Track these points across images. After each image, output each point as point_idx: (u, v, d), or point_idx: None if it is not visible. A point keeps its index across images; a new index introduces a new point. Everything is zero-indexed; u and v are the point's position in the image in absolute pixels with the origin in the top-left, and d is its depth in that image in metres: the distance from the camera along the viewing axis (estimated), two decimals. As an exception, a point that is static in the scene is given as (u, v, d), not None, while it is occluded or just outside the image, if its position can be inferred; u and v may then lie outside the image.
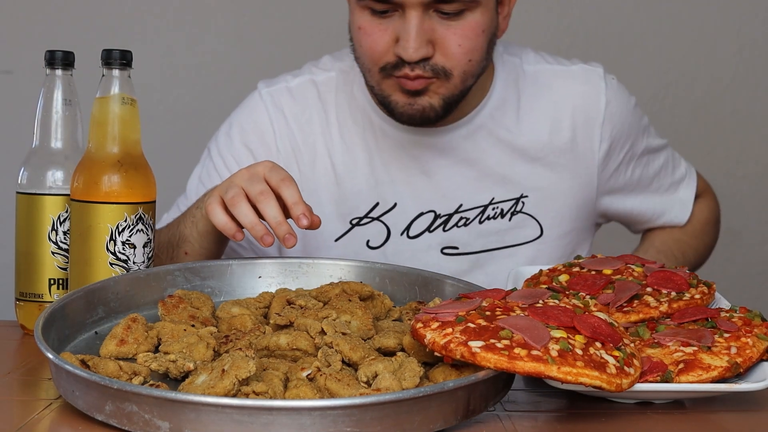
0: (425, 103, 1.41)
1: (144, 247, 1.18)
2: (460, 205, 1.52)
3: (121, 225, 1.16)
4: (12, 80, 2.55)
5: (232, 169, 1.52)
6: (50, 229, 1.21)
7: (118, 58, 1.19)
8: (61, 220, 1.21)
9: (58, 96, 1.23)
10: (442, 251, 1.53)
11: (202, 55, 2.58)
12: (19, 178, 1.23)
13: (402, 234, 1.52)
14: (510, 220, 1.52)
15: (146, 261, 1.18)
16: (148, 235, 1.18)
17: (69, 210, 1.19)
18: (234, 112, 1.60)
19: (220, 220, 1.18)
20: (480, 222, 1.52)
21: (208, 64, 2.59)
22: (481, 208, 1.52)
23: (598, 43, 2.61)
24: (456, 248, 1.53)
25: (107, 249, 1.16)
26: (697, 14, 2.63)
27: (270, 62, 2.57)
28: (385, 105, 1.45)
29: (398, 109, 1.42)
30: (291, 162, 1.53)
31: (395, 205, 1.52)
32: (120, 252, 1.16)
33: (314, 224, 1.16)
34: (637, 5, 2.62)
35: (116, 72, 1.19)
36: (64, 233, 1.21)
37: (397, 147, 1.52)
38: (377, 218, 1.53)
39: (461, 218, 1.52)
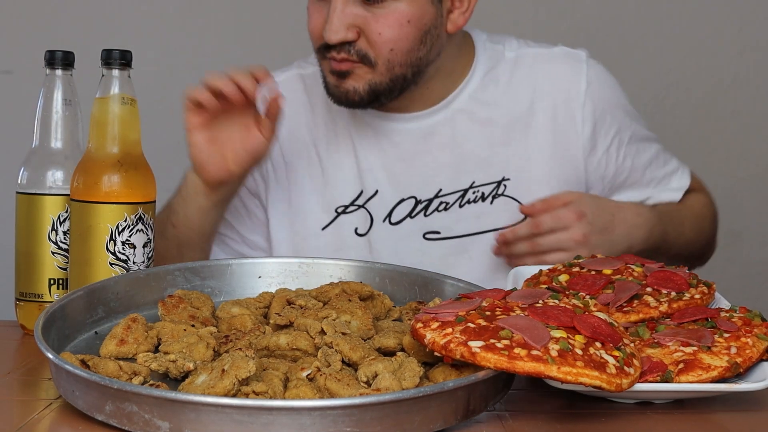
0: (350, 86, 1.44)
1: (144, 247, 1.18)
2: (440, 190, 1.52)
3: (121, 225, 1.16)
4: (12, 80, 2.55)
5: None
6: (50, 229, 1.21)
7: (118, 58, 1.19)
8: (61, 220, 1.21)
9: (58, 96, 1.23)
10: (424, 236, 1.53)
11: (202, 55, 2.58)
12: (19, 178, 1.23)
13: (384, 221, 1.53)
14: (492, 203, 1.52)
15: (146, 261, 1.19)
16: (148, 235, 1.18)
17: (69, 210, 1.19)
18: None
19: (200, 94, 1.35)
20: (460, 206, 1.52)
21: (208, 64, 2.58)
22: (461, 192, 1.53)
23: (599, 45, 2.61)
24: (438, 233, 1.53)
25: (107, 249, 1.16)
26: (697, 15, 2.63)
27: (270, 62, 2.56)
28: (325, 85, 1.50)
29: (329, 89, 1.47)
30: (277, 152, 1.56)
31: (376, 192, 1.54)
32: (120, 252, 1.16)
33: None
34: (637, 6, 2.62)
35: (116, 72, 1.19)
36: (64, 233, 1.21)
37: (378, 134, 1.54)
38: (362, 206, 1.54)
39: (441, 203, 1.52)
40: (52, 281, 1.21)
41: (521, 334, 0.87)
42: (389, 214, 1.54)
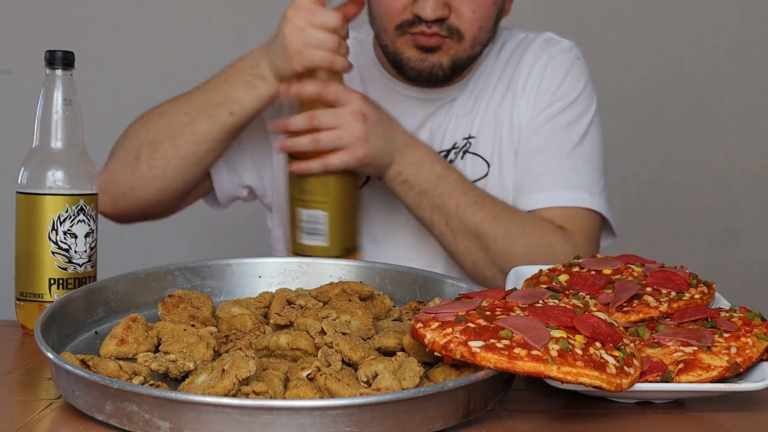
0: (435, 60, 1.51)
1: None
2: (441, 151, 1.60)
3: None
4: (12, 80, 2.56)
5: None
6: (50, 229, 1.21)
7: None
8: (62, 220, 1.21)
9: (58, 96, 1.23)
10: None
11: (202, 55, 2.58)
12: (19, 178, 1.23)
13: (380, 179, 1.53)
14: (462, 158, 1.60)
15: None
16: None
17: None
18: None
19: (327, 58, 1.38)
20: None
21: (208, 64, 2.59)
22: (445, 153, 1.60)
23: (597, 42, 2.61)
24: None
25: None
26: (695, 13, 2.63)
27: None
28: (396, 63, 1.54)
29: (409, 64, 1.52)
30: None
31: None
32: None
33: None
34: (636, 4, 2.62)
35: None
36: (65, 233, 1.21)
37: (395, 102, 1.58)
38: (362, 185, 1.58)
39: None
40: (52, 281, 1.21)
41: (521, 334, 0.87)
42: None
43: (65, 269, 1.21)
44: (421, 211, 1.47)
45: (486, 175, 1.60)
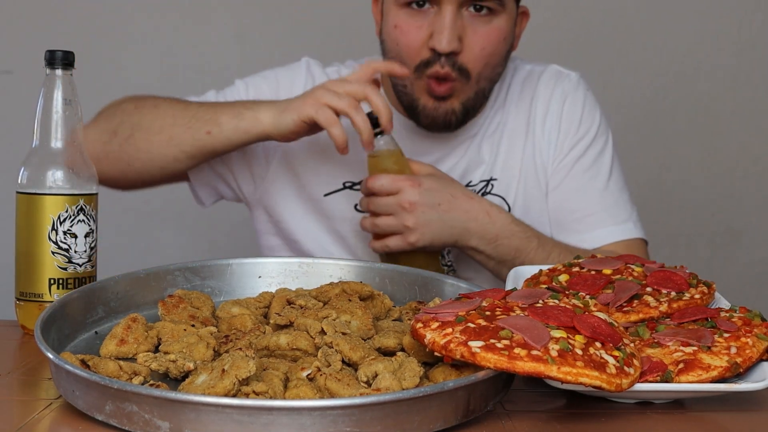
0: (448, 107, 1.54)
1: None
2: None
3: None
4: (12, 80, 2.56)
5: (250, 92, 1.66)
6: (50, 229, 1.21)
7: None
8: (61, 219, 1.21)
9: (58, 96, 1.23)
10: None
11: (202, 55, 2.59)
12: (19, 178, 1.23)
13: None
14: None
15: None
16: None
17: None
18: (275, 68, 1.73)
19: (331, 118, 1.40)
20: None
21: (208, 64, 2.59)
22: None
23: (598, 43, 2.61)
24: None
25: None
26: (696, 14, 2.63)
27: (270, 62, 2.57)
28: (411, 108, 1.57)
29: (425, 112, 1.55)
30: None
31: None
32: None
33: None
34: (637, 5, 2.62)
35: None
36: (65, 233, 1.21)
37: (409, 141, 1.61)
38: None
39: None
40: (52, 281, 1.21)
41: (521, 334, 0.87)
42: None
43: (65, 269, 1.21)
44: (502, 276, 1.50)
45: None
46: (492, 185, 1.63)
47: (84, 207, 1.22)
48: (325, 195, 1.65)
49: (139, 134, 1.51)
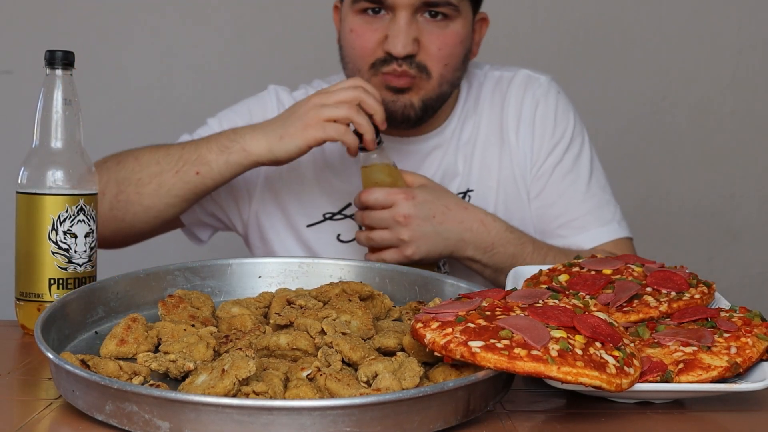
0: (407, 100, 1.55)
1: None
2: None
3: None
4: (12, 80, 2.56)
5: (224, 127, 1.64)
6: (50, 229, 1.21)
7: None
8: (61, 219, 1.21)
9: (58, 96, 1.23)
10: None
11: (202, 55, 2.59)
12: (19, 178, 1.23)
13: None
14: None
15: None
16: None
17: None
18: (241, 100, 1.74)
19: (340, 129, 1.42)
20: None
21: (208, 64, 2.59)
22: None
23: (598, 44, 2.61)
24: None
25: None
26: (696, 15, 2.63)
27: (270, 62, 2.57)
28: None
29: (384, 106, 1.51)
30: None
31: None
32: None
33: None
34: (636, 6, 2.62)
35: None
36: (65, 233, 1.21)
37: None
38: (350, 216, 1.64)
39: None
40: (52, 281, 1.21)
41: (521, 334, 0.87)
42: None
43: (65, 269, 1.21)
44: (500, 282, 1.51)
45: None
46: (469, 197, 1.64)
47: (84, 207, 1.22)
48: (308, 226, 1.66)
49: (128, 189, 1.51)
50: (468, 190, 1.64)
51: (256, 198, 1.68)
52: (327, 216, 1.66)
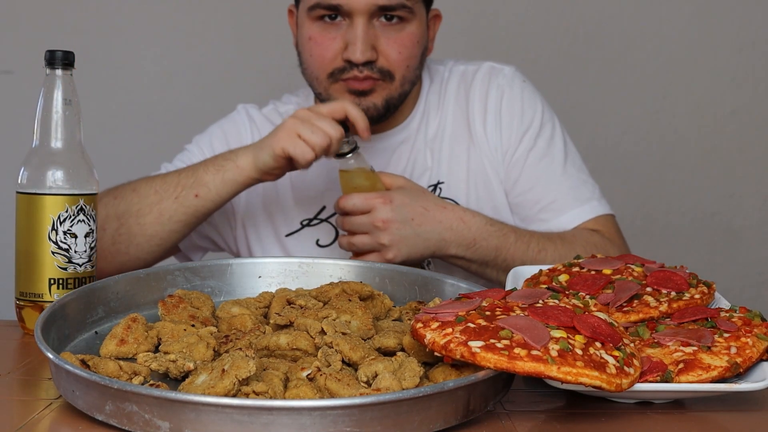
0: (369, 102, 1.57)
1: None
2: None
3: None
4: (12, 80, 2.56)
5: (205, 151, 1.68)
6: (50, 229, 1.21)
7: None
8: (61, 219, 1.21)
9: (58, 96, 1.23)
10: None
11: (202, 55, 2.58)
12: (19, 178, 1.23)
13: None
14: None
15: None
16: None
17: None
18: (213, 123, 1.77)
19: (299, 147, 1.42)
20: None
21: (208, 64, 2.59)
22: None
23: (598, 44, 2.61)
24: None
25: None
26: (696, 14, 2.63)
27: (270, 62, 2.57)
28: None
29: None
30: None
31: None
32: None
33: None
34: (636, 6, 2.62)
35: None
36: (65, 233, 1.21)
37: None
38: (325, 220, 1.67)
39: None
40: (52, 281, 1.21)
41: (521, 334, 0.87)
42: None
43: (65, 269, 1.21)
44: (487, 276, 1.53)
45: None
46: (440, 189, 1.65)
47: (84, 207, 1.22)
48: (287, 236, 1.68)
49: (129, 221, 1.51)
50: (438, 182, 1.65)
51: (239, 214, 1.70)
52: (304, 222, 1.68)
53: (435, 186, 1.65)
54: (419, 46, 1.60)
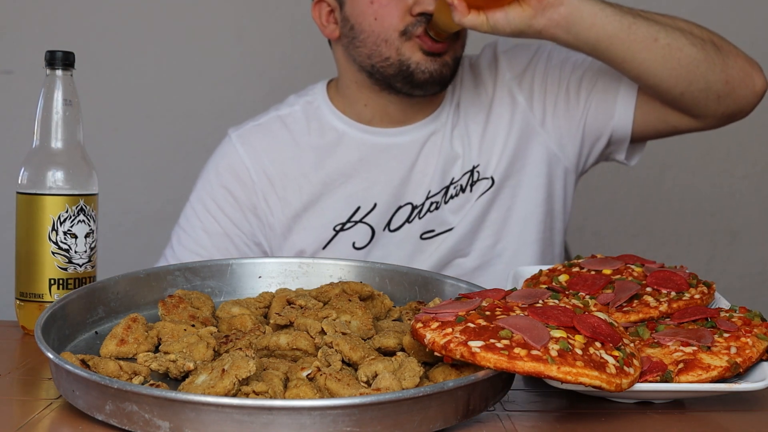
0: (443, 61, 1.56)
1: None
2: (429, 192, 1.63)
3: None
4: (12, 80, 2.56)
5: (212, 212, 1.65)
6: (50, 229, 1.21)
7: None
8: (62, 220, 1.21)
9: (58, 96, 1.23)
10: (420, 237, 1.63)
11: (202, 55, 2.59)
12: (19, 178, 1.23)
13: (384, 229, 1.63)
14: (471, 190, 1.64)
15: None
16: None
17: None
18: (208, 161, 1.71)
19: None
20: (445, 202, 1.63)
21: (208, 64, 2.59)
22: (444, 190, 1.64)
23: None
24: (432, 230, 1.64)
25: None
26: (696, 15, 2.63)
27: (270, 62, 2.57)
28: (402, 71, 1.57)
29: (420, 68, 1.56)
30: (269, 190, 1.66)
31: (375, 205, 1.64)
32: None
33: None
34: (636, 5, 2.62)
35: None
36: (65, 233, 1.21)
37: (371, 152, 1.65)
38: (360, 221, 1.64)
39: (432, 203, 1.63)
40: (52, 281, 1.21)
41: (521, 334, 0.87)
42: (388, 223, 1.64)
43: (65, 269, 1.21)
44: (623, 24, 1.45)
45: (490, 188, 1.64)
46: (477, 173, 1.64)
47: (84, 207, 1.22)
48: (324, 248, 1.64)
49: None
50: (473, 167, 1.63)
51: (276, 231, 1.66)
52: (337, 228, 1.64)
53: (471, 171, 1.64)
54: None
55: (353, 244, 1.64)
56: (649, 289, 1.08)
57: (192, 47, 2.58)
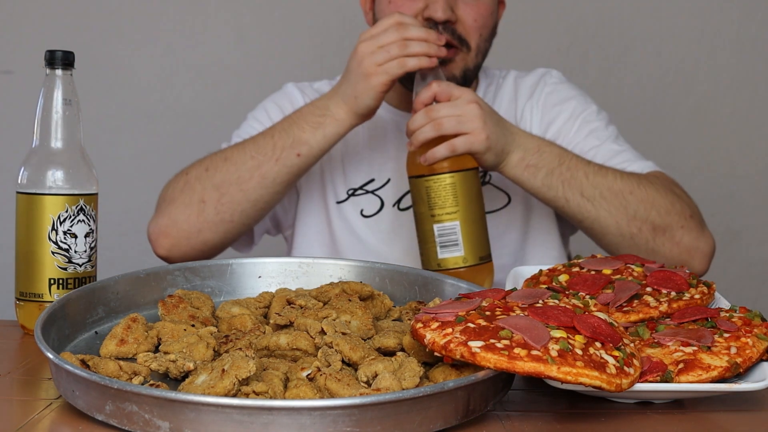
0: (449, 73, 1.58)
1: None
2: None
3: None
4: (12, 80, 2.56)
5: (261, 120, 1.72)
6: (50, 229, 1.21)
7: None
8: (61, 220, 1.21)
9: (58, 96, 1.23)
10: None
11: (202, 55, 2.59)
12: (19, 178, 1.23)
13: (393, 206, 1.70)
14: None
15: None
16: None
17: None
18: (265, 99, 1.80)
19: (400, 64, 1.44)
20: None
21: (208, 64, 2.59)
22: None
23: (598, 43, 2.61)
24: None
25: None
26: (696, 15, 2.63)
27: (270, 62, 2.57)
28: (411, 73, 1.57)
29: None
30: None
31: (389, 180, 1.71)
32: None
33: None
34: (636, 5, 2.62)
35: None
36: (65, 233, 1.21)
37: (393, 129, 1.72)
38: (372, 192, 1.71)
39: None
40: (52, 281, 1.21)
41: (521, 334, 0.87)
42: (398, 201, 1.70)
43: (65, 269, 1.21)
44: (553, 191, 1.49)
45: (506, 205, 1.70)
46: (490, 176, 1.69)
47: (84, 207, 1.22)
48: (338, 203, 1.72)
49: (230, 189, 1.53)
50: (489, 174, 1.67)
51: (300, 181, 1.72)
52: (350, 192, 1.71)
53: (484, 173, 1.67)
54: (492, 18, 1.64)
55: (361, 211, 1.70)
56: (649, 289, 1.08)
57: (192, 47, 2.58)
